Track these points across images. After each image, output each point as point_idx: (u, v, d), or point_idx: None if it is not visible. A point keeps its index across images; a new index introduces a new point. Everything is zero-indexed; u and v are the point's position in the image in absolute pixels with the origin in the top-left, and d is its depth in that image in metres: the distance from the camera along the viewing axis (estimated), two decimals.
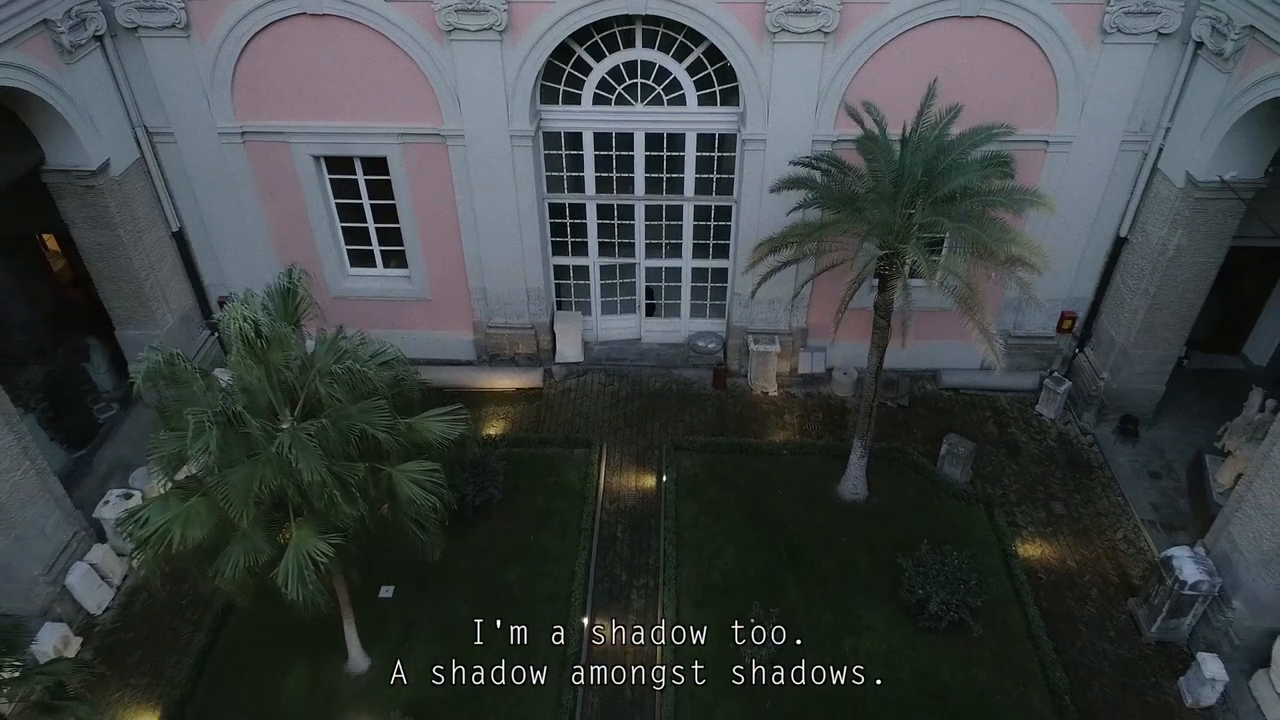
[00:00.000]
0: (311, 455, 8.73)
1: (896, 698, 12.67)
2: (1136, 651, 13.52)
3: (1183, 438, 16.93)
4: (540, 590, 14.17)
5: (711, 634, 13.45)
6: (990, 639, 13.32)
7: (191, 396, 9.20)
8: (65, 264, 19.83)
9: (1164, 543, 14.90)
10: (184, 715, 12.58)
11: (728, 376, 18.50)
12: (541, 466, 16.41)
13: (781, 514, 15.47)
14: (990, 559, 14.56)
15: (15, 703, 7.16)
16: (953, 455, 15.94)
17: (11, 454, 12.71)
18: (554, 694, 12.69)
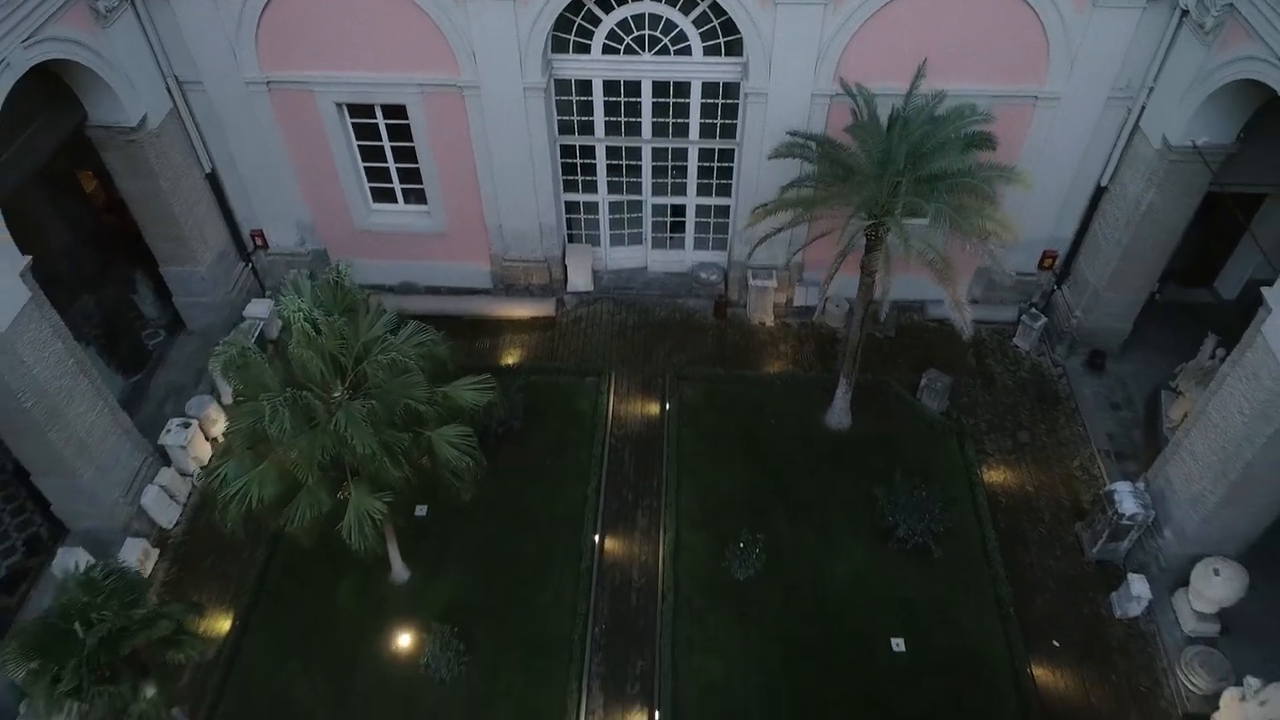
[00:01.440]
0: (364, 430, 10.30)
1: (866, 609, 14.69)
2: (1078, 569, 15.45)
3: (1146, 371, 18.34)
4: (556, 510, 16.04)
5: (707, 551, 15.40)
6: (951, 558, 15.22)
7: (261, 379, 10.64)
8: (97, 185, 20.80)
9: (1115, 472, 16.61)
10: (251, 619, 14.70)
11: (728, 307, 19.81)
12: (556, 394, 18.01)
13: (773, 442, 17.16)
14: (958, 486, 16.33)
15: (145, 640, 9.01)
16: (930, 389, 17.47)
17: (89, 397, 14.34)
18: (569, 602, 14.74)
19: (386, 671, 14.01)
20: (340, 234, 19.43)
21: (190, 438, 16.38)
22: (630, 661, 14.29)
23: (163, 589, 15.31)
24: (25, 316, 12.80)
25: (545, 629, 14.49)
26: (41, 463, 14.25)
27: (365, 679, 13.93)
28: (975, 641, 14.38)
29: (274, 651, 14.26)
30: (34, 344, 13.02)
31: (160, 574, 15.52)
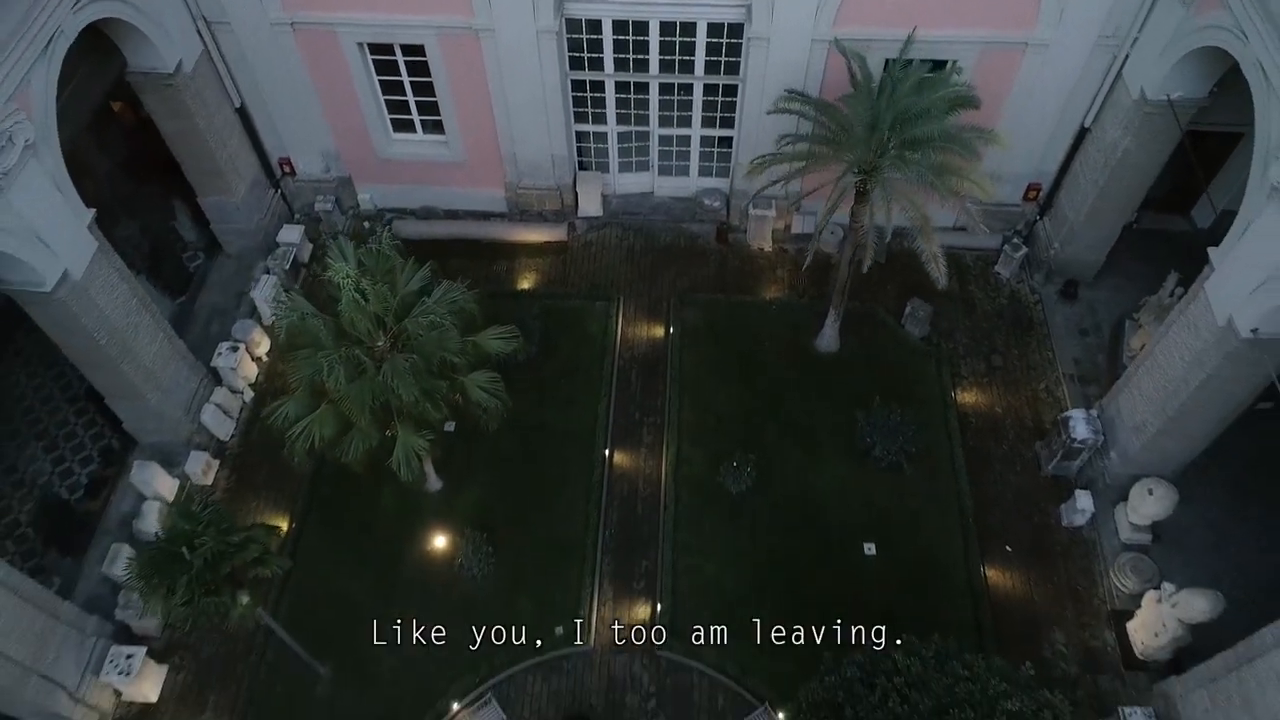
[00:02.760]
0: (407, 381, 11.97)
1: (843, 518, 16.74)
2: (1034, 483, 17.38)
3: (1116, 299, 19.72)
4: (570, 428, 17.91)
5: (704, 465, 17.33)
6: (921, 474, 17.15)
7: (318, 337, 12.21)
8: (124, 106, 21.67)
9: (1077, 395, 18.33)
10: (306, 521, 16.84)
11: (729, 233, 21.06)
12: (569, 318, 19.57)
13: (766, 364, 18.83)
14: (933, 407, 18.11)
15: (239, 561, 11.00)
16: (913, 317, 18.98)
17: (151, 330, 15.99)
18: (583, 510, 16.81)
19: (426, 568, 16.23)
20: (363, 162, 20.52)
21: (239, 360, 18.09)
22: (636, 561, 16.46)
23: (225, 495, 17.42)
24: (95, 264, 14.28)
25: (562, 533, 16.61)
26: (114, 389, 16.05)
27: (408, 575, 16.17)
28: (937, 546, 16.48)
29: (327, 551, 16.44)
30: (104, 288, 14.56)
31: (221, 482, 17.59)
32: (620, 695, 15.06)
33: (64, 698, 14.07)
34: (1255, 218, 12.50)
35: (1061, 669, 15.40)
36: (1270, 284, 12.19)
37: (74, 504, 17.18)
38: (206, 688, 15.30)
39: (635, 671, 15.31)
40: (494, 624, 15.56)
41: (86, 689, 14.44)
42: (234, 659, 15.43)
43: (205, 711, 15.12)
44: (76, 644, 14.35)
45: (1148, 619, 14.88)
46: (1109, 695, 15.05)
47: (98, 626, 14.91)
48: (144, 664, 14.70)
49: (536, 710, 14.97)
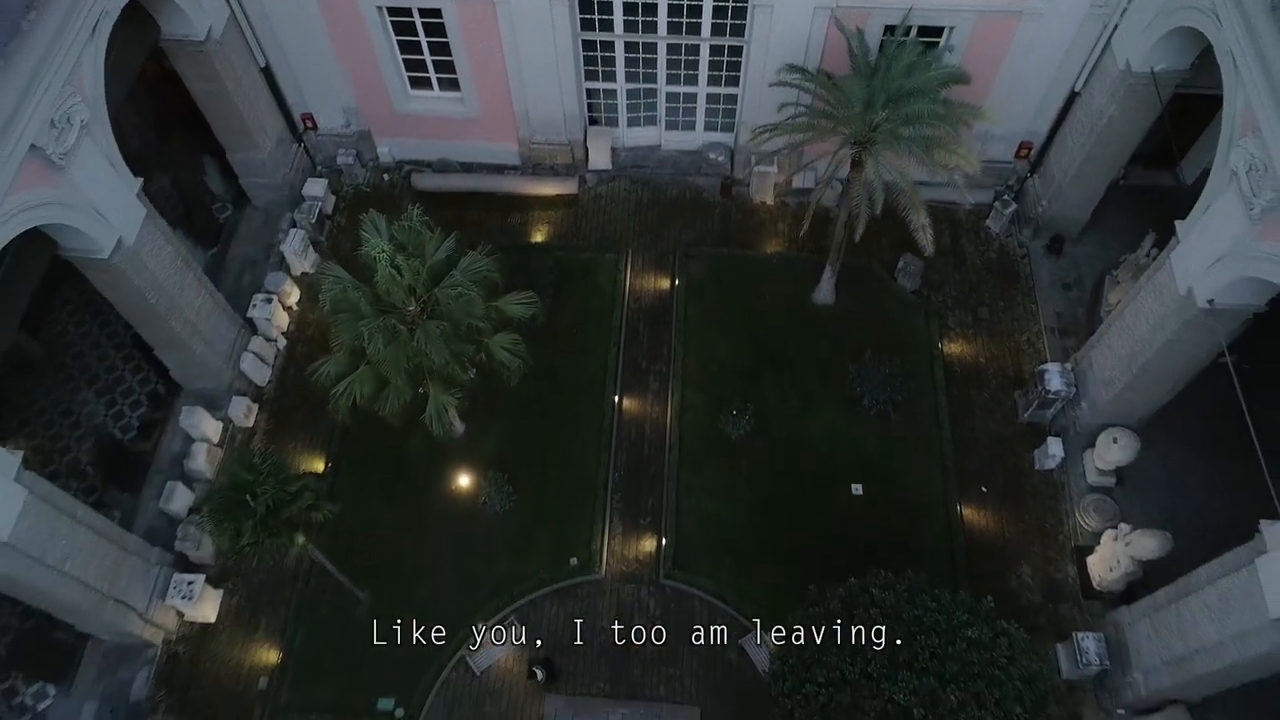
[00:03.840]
0: (438, 345, 13.28)
1: (833, 461, 18.22)
2: (1011, 429, 18.79)
3: (1100, 254, 20.76)
4: (582, 376, 19.27)
5: (707, 411, 18.75)
6: (907, 421, 18.56)
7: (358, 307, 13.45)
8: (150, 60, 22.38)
9: (1056, 347, 19.58)
10: (341, 463, 18.37)
11: (733, 186, 22.00)
12: (580, 270, 20.72)
13: (766, 316, 20.06)
14: (921, 358, 19.41)
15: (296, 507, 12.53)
16: (905, 271, 20.10)
17: (194, 286, 17.24)
18: (594, 452, 18.31)
19: (451, 505, 17.84)
20: (382, 117, 21.37)
21: (273, 311, 19.36)
22: (643, 499, 18.04)
23: (264, 437, 18.94)
24: (145, 230, 15.45)
25: (575, 473, 18.16)
26: (162, 341, 17.40)
27: (435, 510, 17.79)
28: (919, 488, 18.01)
29: (361, 488, 18.01)
30: (153, 251, 15.76)
31: (261, 425, 19.09)
32: (629, 619, 16.81)
33: (135, 618, 15.85)
34: (1216, 198, 13.53)
35: (1027, 598, 17.09)
36: (1226, 260, 13.31)
37: (127, 444, 18.72)
38: (258, 610, 17.11)
39: (642, 598, 17.04)
40: (515, 555, 17.26)
41: (153, 610, 16.23)
42: (281, 585, 17.17)
43: (258, 631, 16.95)
44: (143, 572, 16.05)
45: (1105, 555, 16.47)
46: (1068, 621, 16.75)
47: (160, 556, 16.61)
48: (203, 589, 16.46)
49: (554, 631, 16.75)
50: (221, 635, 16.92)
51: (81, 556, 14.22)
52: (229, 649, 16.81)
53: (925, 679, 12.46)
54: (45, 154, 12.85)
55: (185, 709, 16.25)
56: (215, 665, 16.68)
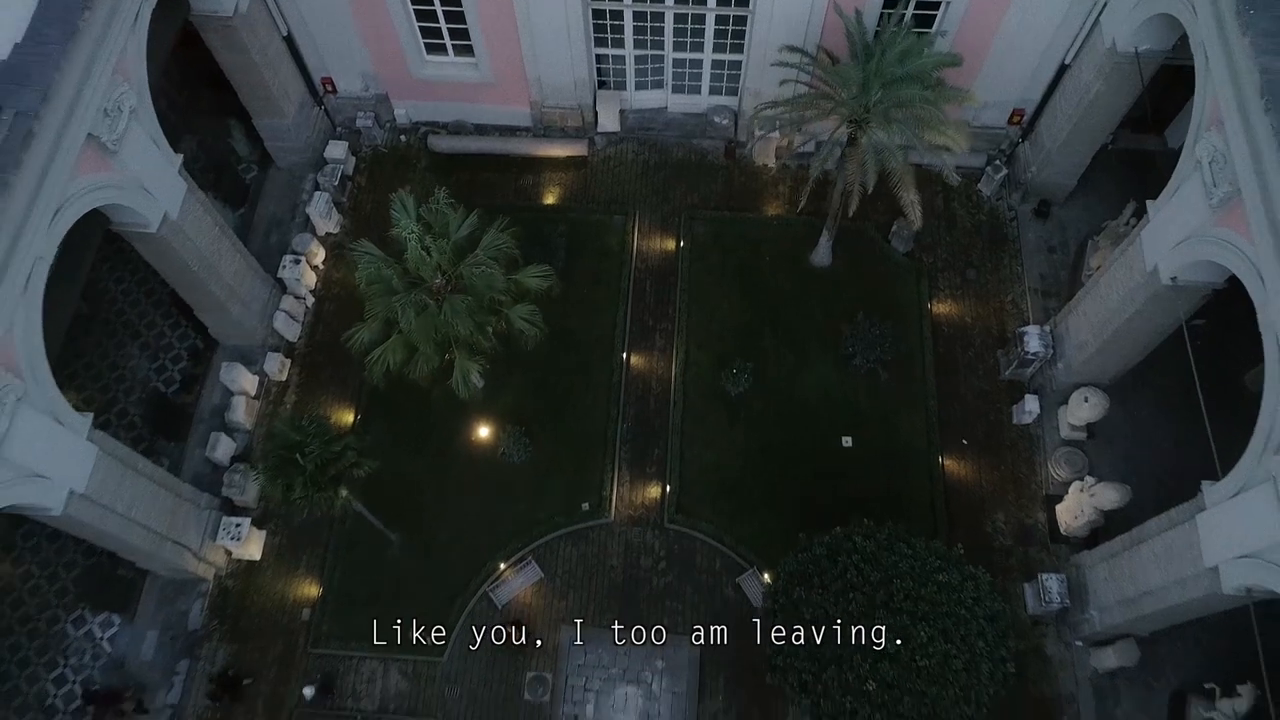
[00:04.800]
0: (464, 318, 14.57)
1: (825, 415, 19.64)
2: (992, 386, 20.14)
3: (1086, 217, 21.77)
4: (592, 333, 20.57)
5: (709, 367, 20.10)
6: (895, 379, 19.91)
7: (390, 282, 14.67)
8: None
9: (1039, 308, 20.78)
10: (369, 415, 19.82)
11: (736, 149, 22.91)
12: (590, 232, 21.83)
13: (765, 277, 21.24)
14: (910, 318, 20.65)
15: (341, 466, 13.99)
16: (899, 235, 21.19)
17: (230, 252, 18.45)
18: (604, 405, 19.74)
19: (473, 454, 19.36)
20: (399, 81, 22.18)
21: (301, 272, 20.58)
22: (649, 449, 19.54)
23: (297, 391, 20.36)
24: (187, 202, 16.59)
25: (587, 425, 19.63)
26: (203, 303, 18.70)
27: (458, 459, 19.32)
28: (904, 440, 19.46)
29: (388, 438, 19.47)
30: (194, 222, 16.93)
31: (294, 378, 20.49)
32: (636, 559, 18.48)
33: (189, 557, 17.53)
34: (1183, 183, 14.58)
35: (1000, 541, 18.70)
36: (1189, 242, 14.43)
37: (171, 397, 20.19)
38: (299, 549, 18.79)
39: (648, 540, 18.68)
40: (532, 500, 18.86)
41: (205, 549, 17.91)
42: (319, 527, 18.78)
43: (299, 568, 18.67)
44: (195, 515, 17.66)
45: (1072, 504, 18.00)
46: (1035, 563, 18.38)
47: (209, 501, 18.22)
48: (249, 531, 18.11)
49: (567, 570, 18.45)
50: (266, 571, 18.64)
51: (144, 504, 15.79)
52: (273, 583, 18.55)
53: (899, 617, 14.10)
54: (100, 141, 13.93)
55: (237, 636, 18.05)
56: (262, 598, 18.44)
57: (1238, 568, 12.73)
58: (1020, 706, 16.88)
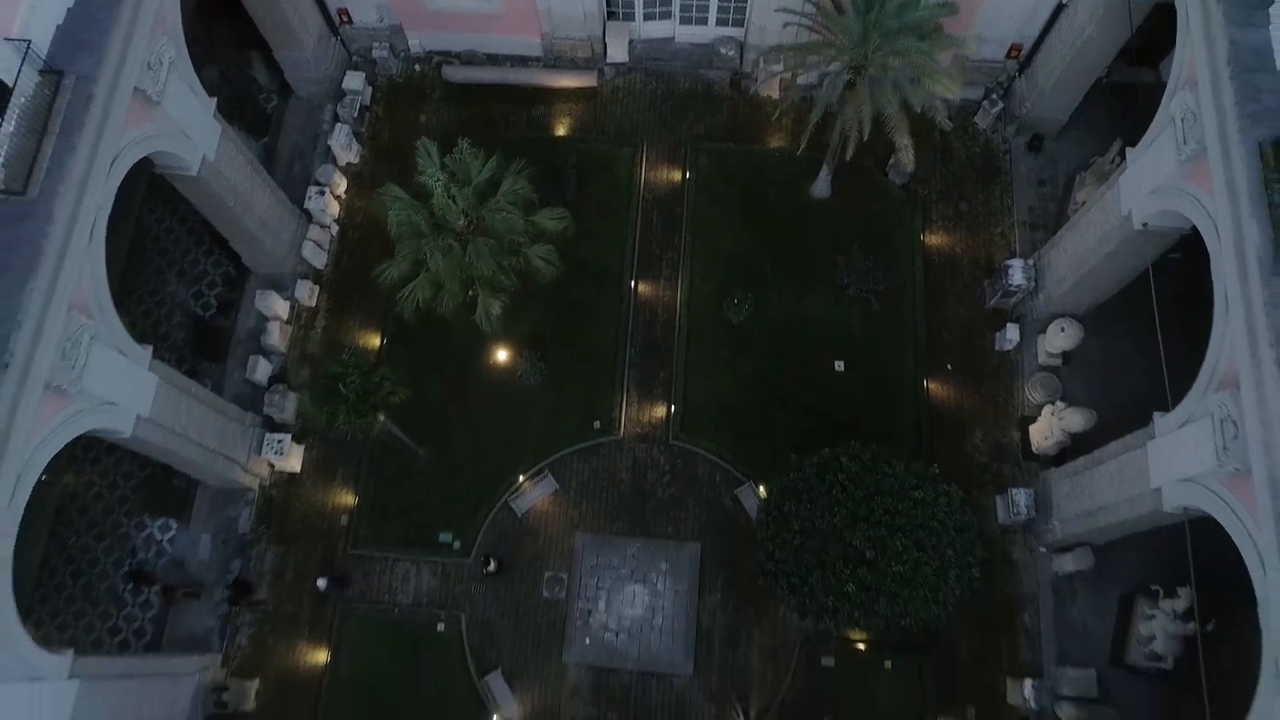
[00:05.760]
0: (486, 259, 15.84)
1: (820, 341, 21.07)
2: (977, 314, 21.47)
3: (1077, 151, 22.59)
4: (602, 263, 21.80)
5: (712, 296, 21.42)
6: (887, 307, 21.24)
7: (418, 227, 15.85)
8: None
9: (1026, 240, 21.90)
10: (394, 339, 21.27)
11: (741, 80, 23.58)
12: (599, 163, 22.77)
13: (767, 209, 22.30)
14: (904, 249, 21.83)
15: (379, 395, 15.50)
16: (895, 168, 22.11)
17: (261, 188, 19.56)
18: (613, 331, 21.17)
19: (492, 378, 20.90)
20: (413, 12, 22.70)
21: (326, 203, 21.69)
22: (655, 372, 21.07)
23: (327, 315, 21.76)
24: (222, 144, 17.63)
25: (597, 350, 21.12)
26: (237, 236, 19.93)
27: (478, 382, 20.88)
28: (892, 365, 20.95)
29: (412, 363, 20.94)
30: (229, 161, 18.00)
31: (323, 304, 21.86)
32: (643, 473, 20.26)
33: (238, 470, 19.32)
34: (1158, 135, 15.57)
35: (977, 458, 20.41)
36: (1160, 192, 15.53)
37: (209, 320, 21.62)
38: (335, 462, 20.57)
39: (654, 455, 20.41)
40: (547, 419, 20.51)
41: (251, 463, 19.67)
42: (353, 442, 20.44)
43: (335, 479, 20.49)
44: (241, 433, 19.35)
45: (1043, 426, 19.60)
46: (1008, 478, 20.11)
47: (252, 420, 19.88)
48: (290, 446, 19.84)
49: (580, 482, 20.24)
50: (306, 482, 20.47)
51: (198, 424, 17.44)
52: (313, 493, 20.41)
53: (878, 529, 15.90)
54: (146, 94, 14.92)
55: (283, 539, 20.02)
56: (303, 506, 20.32)
57: (1177, 490, 14.38)
58: (989, 605, 18.91)
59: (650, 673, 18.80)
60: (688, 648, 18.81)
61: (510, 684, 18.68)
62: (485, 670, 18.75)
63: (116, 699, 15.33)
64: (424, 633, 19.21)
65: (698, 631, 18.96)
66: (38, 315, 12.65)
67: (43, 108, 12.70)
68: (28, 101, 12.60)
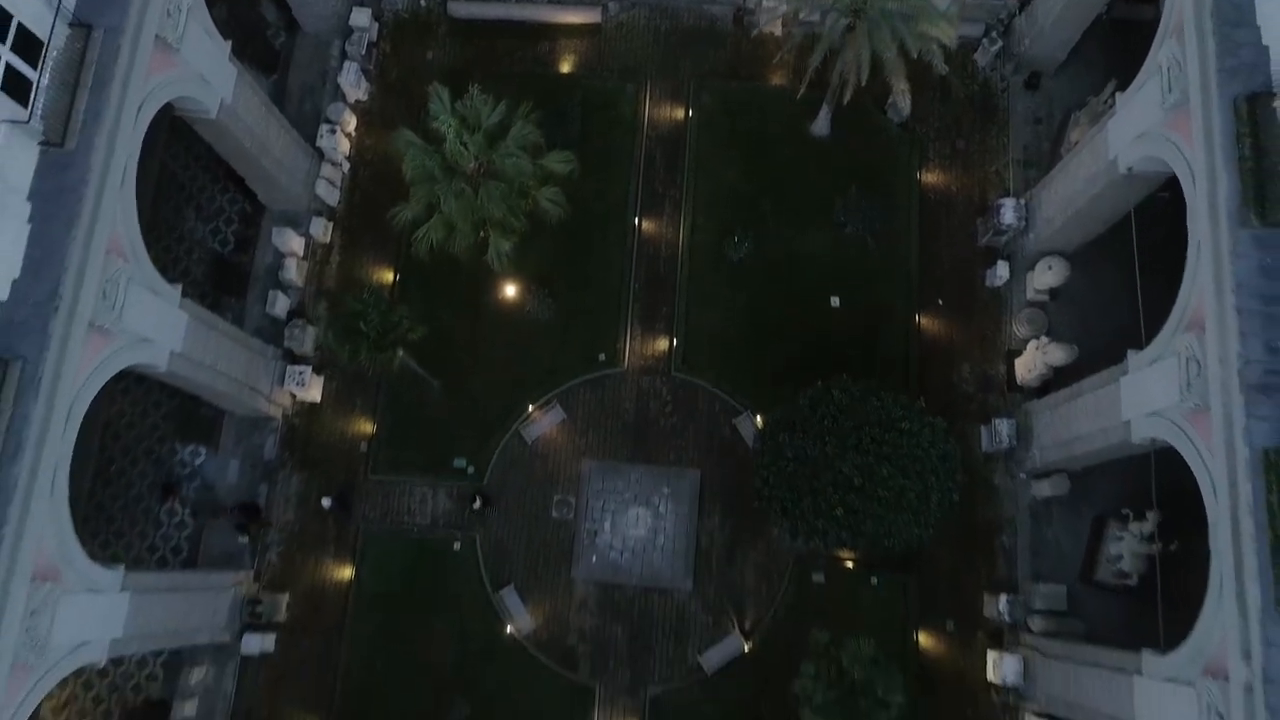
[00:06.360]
0: (497, 202, 16.58)
1: (817, 278, 21.88)
2: (970, 251, 22.22)
3: (1074, 88, 22.93)
4: (606, 199, 22.45)
5: (713, 233, 22.16)
6: (883, 246, 21.98)
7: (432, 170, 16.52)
8: None
9: (1019, 178, 22.47)
10: (405, 277, 22.07)
11: (745, 17, 23.79)
12: (603, 101, 23.20)
13: (768, 147, 22.83)
14: (901, 187, 22.45)
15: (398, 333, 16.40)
16: (894, 107, 22.53)
17: (277, 128, 20.13)
18: (618, 267, 21.99)
19: (503, 311, 21.80)
20: None
21: (338, 141, 22.23)
22: (658, 306, 21.97)
23: (341, 251, 22.54)
24: (239, 87, 18.15)
25: (603, 285, 21.98)
26: (254, 175, 20.58)
27: (490, 316, 21.80)
28: (886, 300, 21.82)
29: (424, 297, 21.77)
30: (247, 105, 18.56)
31: (337, 240, 22.62)
32: (646, 403, 21.35)
33: (262, 399, 20.40)
34: (1146, 82, 16.09)
35: (964, 389, 21.45)
36: (1144, 138, 16.13)
37: (227, 257, 22.42)
38: (353, 393, 21.65)
39: (656, 387, 21.47)
40: (554, 352, 21.50)
41: (274, 393, 20.74)
42: (371, 374, 21.46)
43: (354, 409, 21.60)
44: (264, 365, 20.36)
45: (1028, 359, 20.56)
46: (993, 409, 21.17)
47: (274, 352, 20.87)
48: (311, 377, 20.88)
49: (587, 412, 21.35)
50: (326, 411, 21.58)
51: (225, 357, 18.45)
52: (334, 422, 21.55)
53: (866, 458, 17.00)
54: (166, 41, 15.44)
55: (306, 465, 21.24)
56: (324, 433, 21.48)
57: (1145, 422, 15.42)
58: (971, 526, 20.21)
59: (652, 588, 20.23)
60: (687, 565, 20.20)
61: (523, 598, 20.14)
62: (499, 585, 20.20)
63: (164, 610, 16.70)
64: (441, 551, 20.60)
65: (697, 550, 20.33)
66: (80, 260, 13.50)
67: (74, 61, 13.29)
68: (60, 55, 13.18)
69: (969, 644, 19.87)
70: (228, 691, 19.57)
